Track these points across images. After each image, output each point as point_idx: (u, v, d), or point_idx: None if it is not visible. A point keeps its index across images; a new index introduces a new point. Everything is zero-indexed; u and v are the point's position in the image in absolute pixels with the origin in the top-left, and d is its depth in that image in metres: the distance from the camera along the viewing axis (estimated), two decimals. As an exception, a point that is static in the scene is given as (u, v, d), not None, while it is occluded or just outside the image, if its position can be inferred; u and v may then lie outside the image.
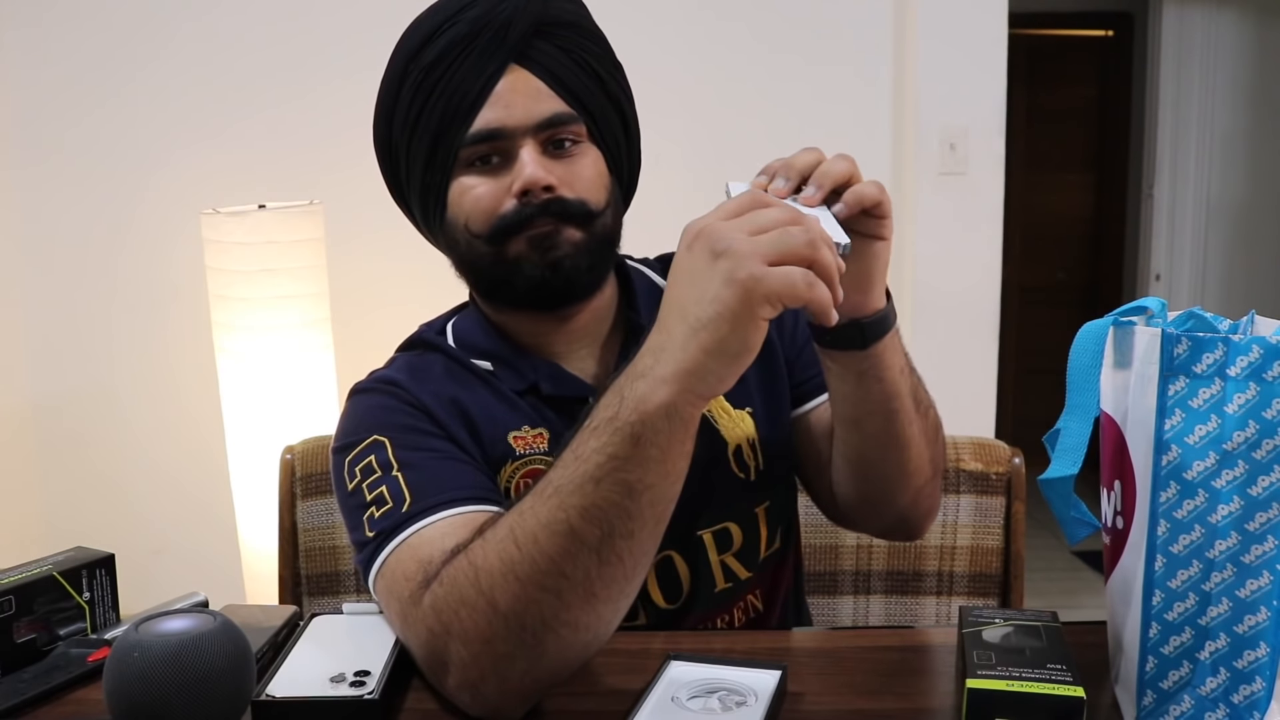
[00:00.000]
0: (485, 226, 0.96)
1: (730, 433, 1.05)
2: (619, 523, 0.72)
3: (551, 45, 0.96)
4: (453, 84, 0.94)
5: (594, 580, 0.73)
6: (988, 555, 1.27)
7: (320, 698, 0.79)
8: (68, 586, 0.96)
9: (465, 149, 0.95)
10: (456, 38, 0.95)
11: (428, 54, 0.96)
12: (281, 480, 1.32)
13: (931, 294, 2.57)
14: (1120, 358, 0.76)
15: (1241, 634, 0.71)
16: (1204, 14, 3.94)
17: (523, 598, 0.74)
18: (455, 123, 0.95)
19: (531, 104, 0.95)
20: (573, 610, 0.74)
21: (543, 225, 0.94)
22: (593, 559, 0.73)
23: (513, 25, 0.94)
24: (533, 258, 0.95)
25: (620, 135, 1.02)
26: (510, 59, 0.95)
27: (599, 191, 0.98)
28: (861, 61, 2.59)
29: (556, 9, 0.98)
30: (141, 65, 2.52)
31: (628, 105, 1.02)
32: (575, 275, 0.96)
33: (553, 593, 0.73)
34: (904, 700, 0.86)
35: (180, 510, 2.61)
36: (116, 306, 2.58)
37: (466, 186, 0.96)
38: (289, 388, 2.09)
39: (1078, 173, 5.10)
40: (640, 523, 0.73)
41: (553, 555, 0.73)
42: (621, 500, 0.71)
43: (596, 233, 0.98)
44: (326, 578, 1.32)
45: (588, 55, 0.98)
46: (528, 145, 0.94)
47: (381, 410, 0.97)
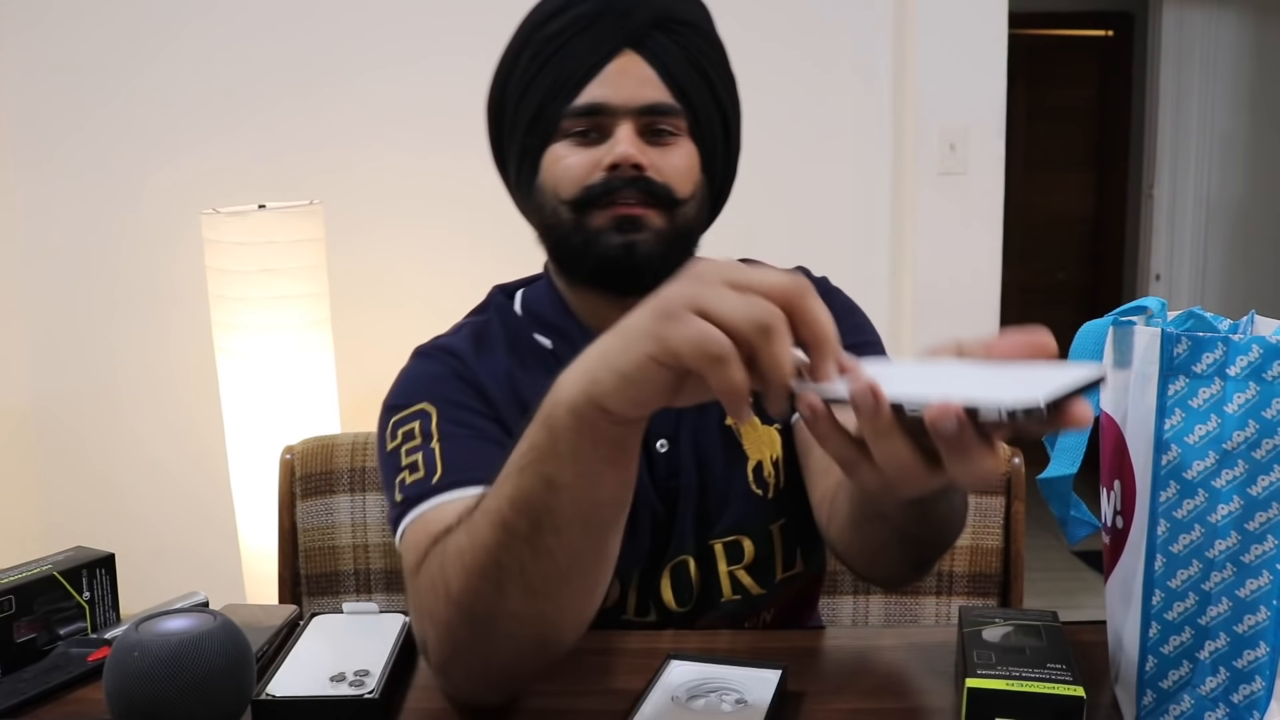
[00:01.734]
0: (572, 193, 0.98)
1: (753, 447, 1.05)
2: (544, 517, 0.69)
3: (668, 39, 0.99)
4: (568, 56, 0.98)
5: (529, 573, 0.71)
6: (987, 555, 1.27)
7: (320, 697, 0.79)
8: (68, 586, 0.96)
9: (567, 119, 0.98)
10: (580, 15, 0.98)
11: (551, 26, 0.99)
12: (281, 480, 1.32)
13: (931, 294, 2.57)
14: (1120, 357, 0.76)
15: (1241, 633, 0.71)
16: (1204, 14, 3.94)
17: (468, 587, 0.73)
18: (563, 93, 0.98)
19: (637, 88, 0.97)
20: (512, 602, 0.72)
21: (626, 201, 0.96)
22: (525, 550, 0.70)
23: (635, 12, 0.98)
24: (611, 234, 0.97)
25: (719, 138, 1.03)
26: (626, 43, 0.98)
27: (687, 182, 1.00)
28: (861, 61, 2.59)
29: (681, 7, 1.01)
30: (142, 66, 2.52)
31: (732, 114, 1.05)
32: (648, 261, 0.97)
33: (492, 582, 0.72)
34: (904, 700, 0.86)
35: (180, 510, 2.61)
36: (116, 306, 2.59)
37: (561, 154, 0.99)
38: (289, 388, 2.09)
39: (1078, 173, 5.10)
40: (565, 520, 0.69)
41: (489, 544, 0.71)
42: (543, 494, 0.68)
43: (678, 222, 0.99)
44: (326, 578, 1.32)
45: (701, 56, 1.01)
46: (626, 125, 0.97)
47: (436, 380, 1.00)
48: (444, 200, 2.54)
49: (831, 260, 2.59)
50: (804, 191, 2.56)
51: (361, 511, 1.32)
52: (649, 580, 1.04)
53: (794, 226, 2.56)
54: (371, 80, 2.51)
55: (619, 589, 1.03)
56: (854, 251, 2.66)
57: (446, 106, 2.52)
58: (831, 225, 2.64)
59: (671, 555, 1.04)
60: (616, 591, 1.03)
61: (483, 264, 2.64)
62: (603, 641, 0.99)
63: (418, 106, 2.52)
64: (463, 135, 2.54)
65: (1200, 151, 4.04)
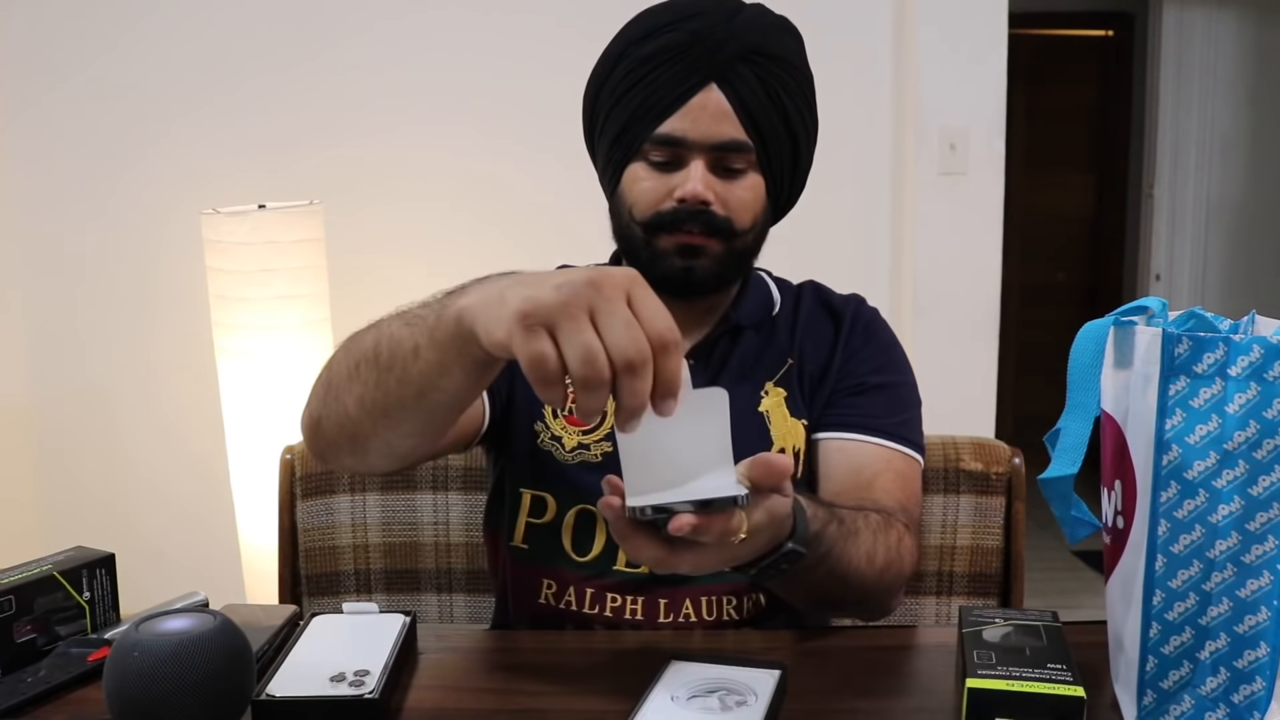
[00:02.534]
0: (645, 216, 1.06)
1: (781, 437, 1.10)
2: (397, 364, 0.82)
3: (751, 72, 1.04)
4: (656, 83, 1.04)
5: (366, 389, 0.86)
6: (988, 555, 1.27)
7: (320, 697, 0.79)
8: (68, 586, 0.96)
9: (649, 144, 1.05)
10: (673, 43, 1.03)
11: (645, 47, 1.05)
12: (281, 480, 1.32)
13: (931, 294, 2.57)
14: (1121, 357, 0.76)
15: (1242, 634, 0.71)
16: (1204, 14, 3.94)
17: (332, 375, 0.91)
18: (648, 118, 1.04)
19: (714, 125, 1.03)
20: (344, 405, 0.89)
21: (690, 230, 1.04)
22: (371, 373, 0.85)
23: (724, 46, 1.03)
24: (674, 259, 1.06)
25: (788, 165, 1.10)
26: (711, 77, 1.03)
27: (748, 215, 1.07)
28: (861, 62, 2.59)
29: (770, 42, 1.05)
30: (142, 65, 2.52)
31: (803, 139, 1.10)
32: (704, 281, 1.07)
33: (345, 380, 0.88)
34: (904, 700, 0.86)
35: (180, 510, 2.61)
36: (116, 306, 2.58)
37: (640, 175, 1.06)
38: (289, 388, 2.09)
39: (1078, 173, 5.09)
40: (410, 377, 0.81)
41: (361, 351, 0.87)
42: (407, 352, 0.81)
43: (735, 248, 1.07)
44: (326, 578, 1.32)
45: (781, 88, 1.05)
46: (699, 160, 1.04)
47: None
48: (444, 200, 2.54)
49: (831, 260, 2.59)
50: (804, 191, 2.56)
51: (361, 511, 1.32)
52: None
53: (794, 226, 2.55)
54: (372, 80, 2.51)
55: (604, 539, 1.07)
56: (854, 251, 2.65)
57: (447, 107, 2.52)
58: (831, 225, 2.63)
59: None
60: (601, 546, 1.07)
61: (483, 264, 2.64)
62: (603, 641, 1.00)
63: (418, 107, 2.52)
64: (464, 135, 2.55)
65: (1200, 151, 4.03)
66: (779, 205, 1.13)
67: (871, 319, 1.17)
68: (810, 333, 1.15)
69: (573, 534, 1.09)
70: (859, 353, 1.14)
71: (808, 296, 1.19)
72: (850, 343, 1.14)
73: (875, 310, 1.19)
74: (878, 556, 0.97)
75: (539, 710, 0.83)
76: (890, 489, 1.07)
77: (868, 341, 1.15)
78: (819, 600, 0.99)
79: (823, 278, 1.22)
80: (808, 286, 1.20)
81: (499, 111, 2.51)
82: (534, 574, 1.10)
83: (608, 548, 1.07)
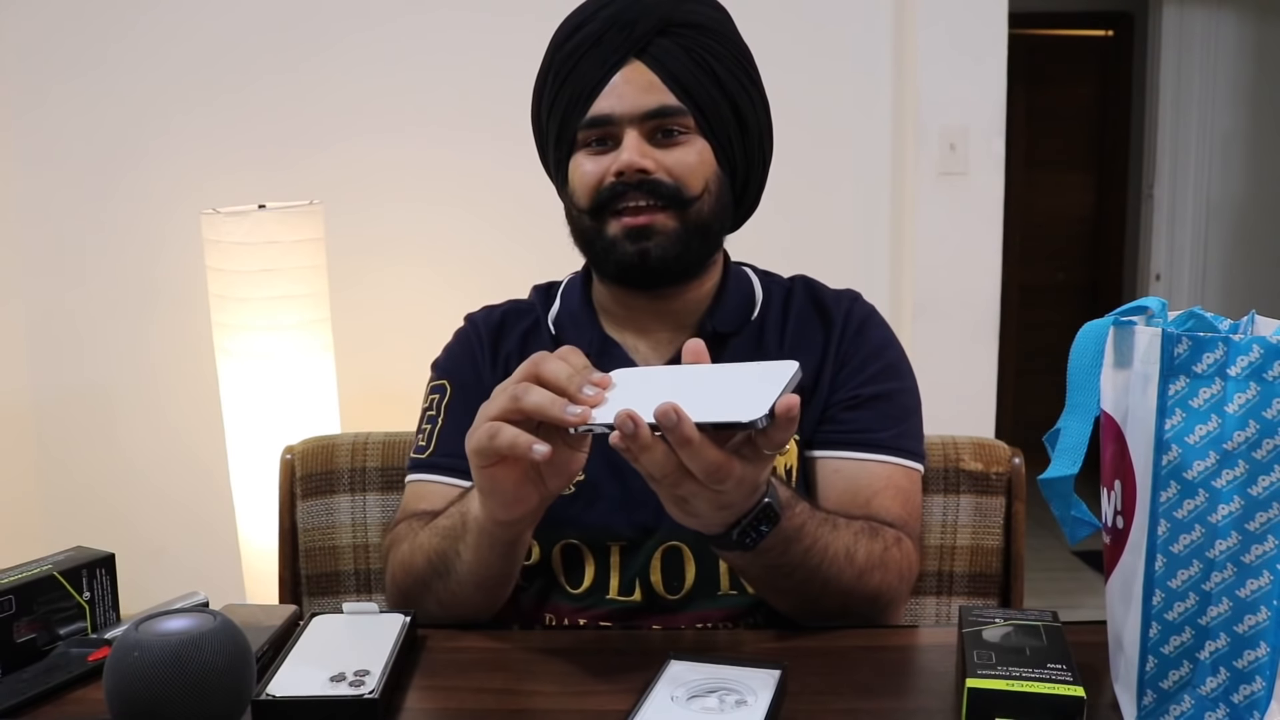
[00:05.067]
0: (587, 201, 1.06)
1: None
2: (451, 563, 0.96)
3: (673, 43, 1.04)
4: (579, 73, 1.05)
5: (437, 593, 0.99)
6: (988, 555, 1.27)
7: (320, 697, 0.79)
8: (68, 586, 0.96)
9: (582, 131, 1.06)
10: (589, 33, 1.05)
11: (568, 45, 1.07)
12: (281, 480, 1.32)
13: (931, 294, 2.57)
14: (1120, 357, 0.76)
15: (1241, 634, 0.71)
16: (1204, 14, 3.94)
17: (401, 587, 1.03)
18: (576, 108, 1.05)
19: (640, 95, 1.03)
20: (427, 604, 1.00)
21: (635, 203, 1.03)
22: (438, 582, 0.98)
23: (637, 24, 1.04)
24: (625, 244, 1.04)
25: (734, 131, 1.07)
26: (630, 54, 1.04)
27: (697, 178, 1.05)
28: (861, 62, 2.59)
29: (685, 11, 1.06)
30: (142, 64, 2.52)
31: (745, 104, 1.08)
32: (663, 263, 1.05)
33: (419, 588, 1.01)
34: (904, 700, 0.86)
35: (180, 510, 2.61)
36: (116, 306, 2.58)
37: (579, 164, 1.07)
38: (289, 388, 2.09)
39: (1078, 173, 5.09)
40: (462, 574, 0.96)
41: (418, 569, 1.00)
42: (452, 556, 0.96)
43: (690, 219, 1.05)
44: (326, 578, 1.32)
45: (708, 54, 1.05)
46: (632, 133, 1.03)
47: (458, 356, 1.16)
48: (444, 200, 2.54)
49: (832, 260, 2.60)
50: (804, 191, 2.56)
51: (362, 511, 1.32)
52: (631, 561, 1.06)
53: (794, 226, 2.55)
54: (372, 80, 2.51)
55: (595, 566, 1.08)
56: (854, 251, 2.66)
57: (447, 107, 2.52)
58: (831, 225, 2.64)
59: (661, 539, 1.05)
60: (592, 574, 1.07)
61: (483, 264, 2.65)
62: (603, 642, 0.99)
63: (418, 107, 2.52)
64: (464, 135, 2.56)
65: (1200, 151, 4.03)
66: (741, 180, 1.10)
67: (865, 319, 1.13)
68: (800, 339, 1.11)
69: (563, 568, 1.08)
70: (851, 361, 1.10)
71: (798, 294, 1.15)
72: (841, 350, 1.10)
73: (871, 308, 1.15)
74: (858, 555, 0.96)
75: (539, 710, 0.83)
76: (889, 505, 1.05)
77: (860, 347, 1.11)
78: (801, 599, 0.97)
79: (822, 278, 1.19)
80: (799, 282, 1.17)
81: (499, 112, 2.51)
82: (533, 608, 1.10)
83: (598, 578, 1.07)
